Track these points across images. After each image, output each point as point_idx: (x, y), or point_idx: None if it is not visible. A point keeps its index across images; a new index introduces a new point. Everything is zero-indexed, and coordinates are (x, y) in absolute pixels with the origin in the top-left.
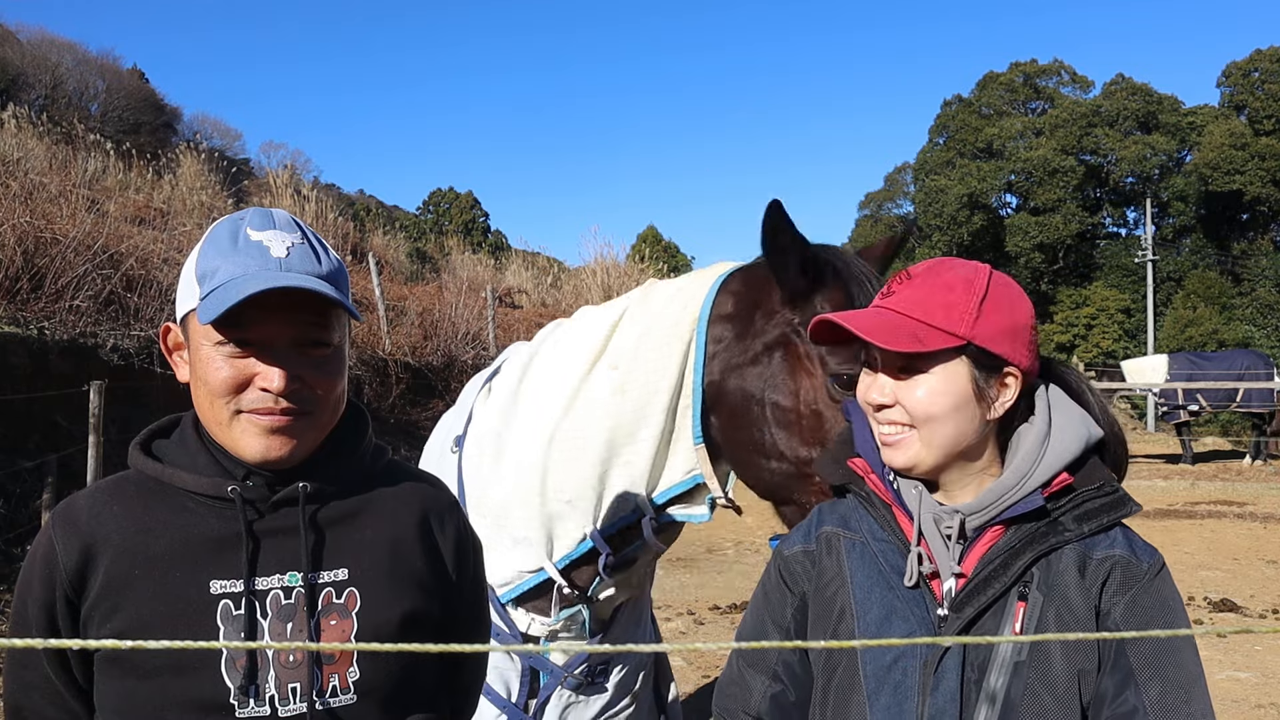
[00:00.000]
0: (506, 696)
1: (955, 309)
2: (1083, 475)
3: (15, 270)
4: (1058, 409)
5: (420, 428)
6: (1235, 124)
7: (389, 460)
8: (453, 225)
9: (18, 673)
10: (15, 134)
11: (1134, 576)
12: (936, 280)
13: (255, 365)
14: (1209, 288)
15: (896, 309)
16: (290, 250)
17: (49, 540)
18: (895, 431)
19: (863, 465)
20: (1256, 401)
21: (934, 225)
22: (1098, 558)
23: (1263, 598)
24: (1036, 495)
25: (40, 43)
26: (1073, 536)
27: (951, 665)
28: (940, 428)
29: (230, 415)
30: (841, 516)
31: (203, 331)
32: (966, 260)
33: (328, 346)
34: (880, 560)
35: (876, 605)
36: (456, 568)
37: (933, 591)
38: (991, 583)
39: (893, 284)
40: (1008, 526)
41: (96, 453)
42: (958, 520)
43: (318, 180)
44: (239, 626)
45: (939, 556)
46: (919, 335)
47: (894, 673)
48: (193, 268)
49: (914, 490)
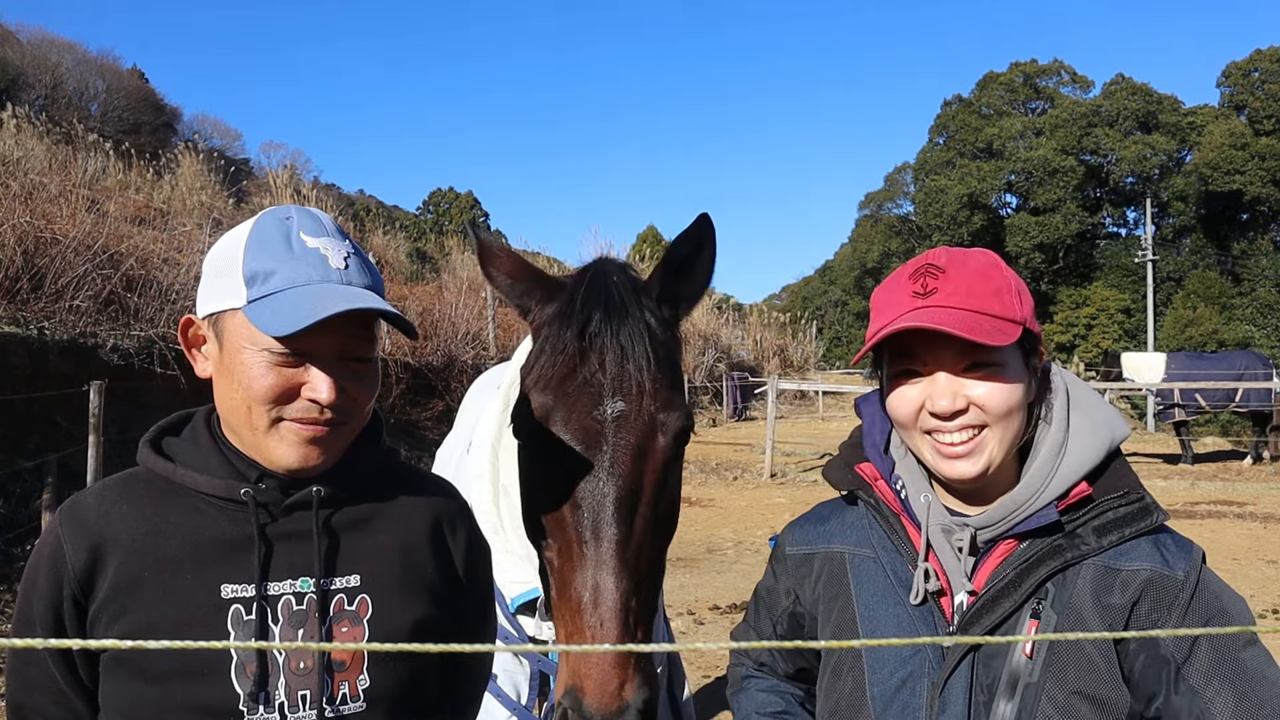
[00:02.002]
0: (516, 699)
1: (1004, 295)
2: (1104, 482)
3: (15, 270)
4: (1077, 407)
5: (420, 428)
6: (1235, 124)
7: (400, 464)
8: (453, 225)
9: (20, 671)
10: (15, 134)
11: (1168, 594)
12: (969, 269)
13: (303, 375)
14: (1209, 288)
15: (953, 305)
16: (348, 261)
17: (56, 538)
18: (967, 437)
19: (871, 471)
20: (1255, 401)
21: (934, 225)
22: (1124, 574)
23: (1263, 598)
24: (1050, 509)
25: (40, 43)
26: (1091, 550)
27: (958, 686)
28: (1014, 422)
29: (269, 422)
30: (849, 526)
31: (247, 334)
32: (957, 247)
33: (368, 360)
34: (889, 573)
35: (884, 623)
36: (466, 573)
37: (942, 608)
38: (1002, 600)
39: (926, 280)
40: (1021, 539)
41: (96, 453)
42: (969, 534)
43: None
44: (250, 632)
45: (950, 570)
46: (996, 326)
47: (902, 694)
48: (237, 265)
49: (923, 499)
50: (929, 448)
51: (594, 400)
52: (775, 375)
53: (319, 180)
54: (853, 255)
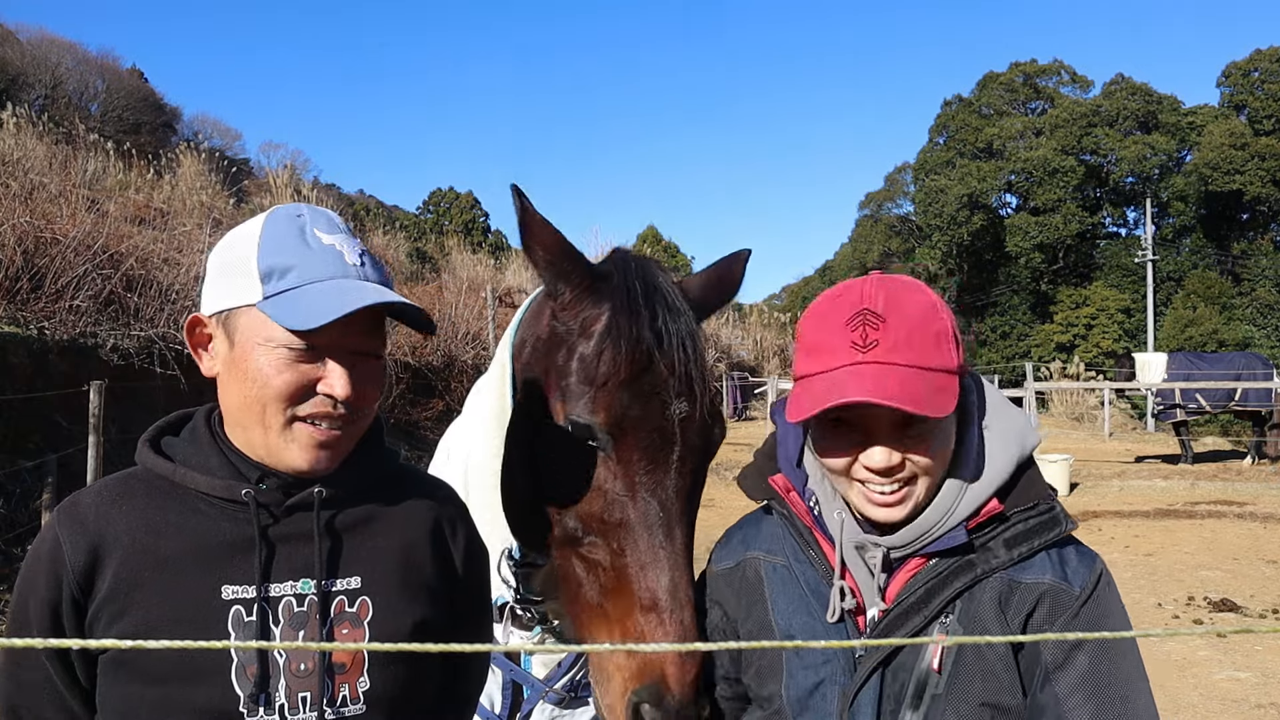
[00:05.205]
0: (490, 708)
1: (943, 342)
2: (1014, 496)
3: (15, 270)
4: (988, 425)
5: (420, 428)
6: (1235, 124)
7: (401, 465)
8: (453, 225)
9: (14, 673)
10: (15, 134)
11: (1062, 605)
12: (909, 315)
13: (318, 370)
14: (1209, 288)
15: (895, 360)
16: (363, 259)
17: (55, 538)
18: (897, 488)
19: (783, 483)
20: (1255, 401)
21: (934, 225)
22: (1025, 586)
23: (1263, 598)
24: (960, 530)
25: (40, 43)
26: (1000, 564)
27: (868, 698)
28: (941, 469)
29: (284, 422)
30: (766, 535)
31: (263, 331)
32: (890, 275)
33: (379, 358)
34: (802, 584)
35: (799, 633)
36: (465, 575)
37: (855, 622)
38: (912, 615)
39: (866, 331)
40: (931, 556)
41: (96, 453)
42: (881, 553)
43: (317, 180)
44: (251, 633)
45: (863, 586)
46: (937, 385)
47: (814, 698)
48: (250, 262)
49: (836, 515)
50: (858, 494)
51: (665, 400)
52: (775, 375)
53: (319, 180)
54: (853, 255)
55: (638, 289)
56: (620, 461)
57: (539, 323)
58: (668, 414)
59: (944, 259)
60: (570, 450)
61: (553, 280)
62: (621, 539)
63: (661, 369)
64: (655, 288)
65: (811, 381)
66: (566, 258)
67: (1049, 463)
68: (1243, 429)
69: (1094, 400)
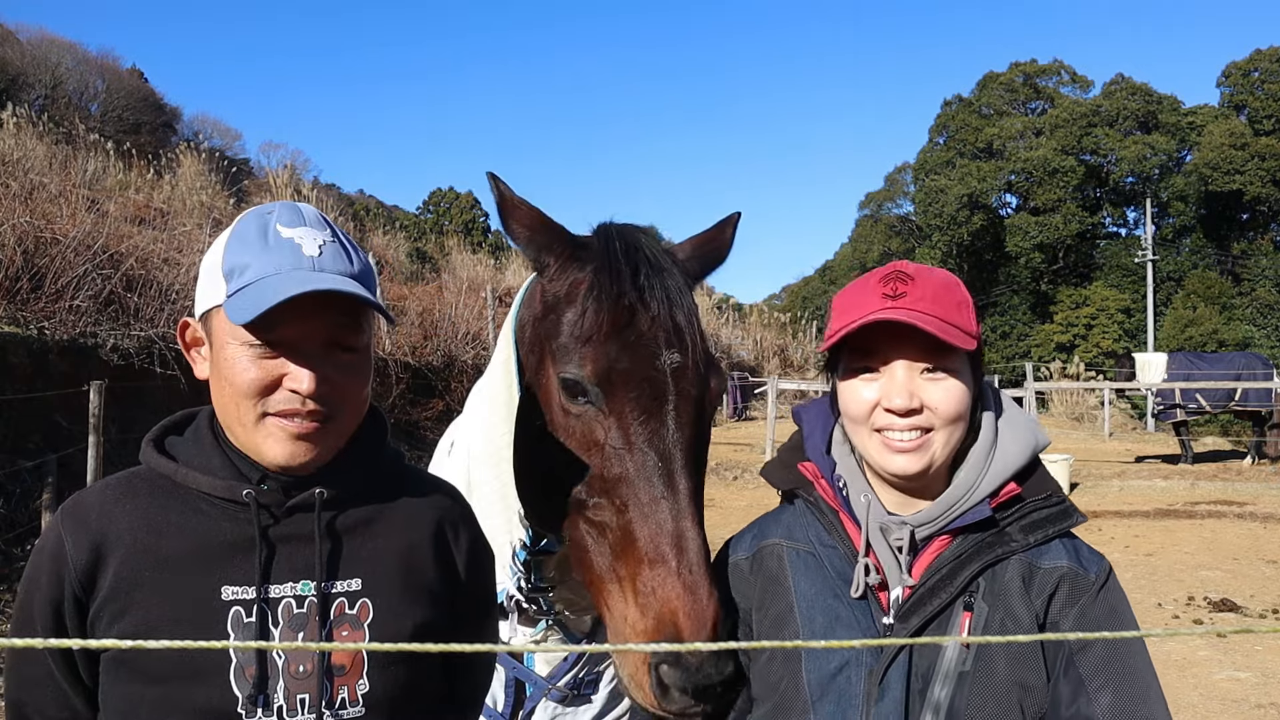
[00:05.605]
0: (493, 706)
1: (964, 309)
2: (1031, 484)
3: (15, 270)
4: (1004, 417)
5: (420, 427)
6: (1235, 124)
7: (404, 466)
8: (453, 225)
9: (20, 669)
10: (15, 134)
11: (1081, 588)
12: (935, 281)
13: (284, 366)
14: (1209, 288)
15: (919, 309)
16: (323, 249)
17: (58, 536)
18: (915, 436)
19: (813, 470)
20: (1255, 401)
21: (934, 225)
22: (1044, 570)
23: (1263, 598)
24: (984, 505)
25: (40, 43)
26: (1019, 547)
27: (896, 675)
28: (958, 429)
29: (256, 418)
30: (786, 525)
31: (229, 330)
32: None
33: (355, 350)
34: (827, 567)
35: (821, 614)
36: (468, 578)
37: (879, 600)
38: (938, 592)
39: (896, 284)
40: (955, 535)
41: (96, 453)
42: (907, 532)
43: (318, 180)
44: (250, 634)
45: (887, 567)
46: (960, 335)
47: (838, 680)
48: (218, 263)
49: (863, 499)
50: (877, 443)
51: (653, 351)
52: (775, 375)
53: (319, 180)
54: (853, 255)
55: (618, 248)
56: (613, 414)
57: (534, 303)
58: (658, 364)
59: (944, 259)
60: (573, 417)
61: (536, 254)
62: (623, 493)
63: (646, 320)
64: (636, 247)
65: (844, 328)
66: (545, 230)
67: (1049, 463)
68: (1243, 429)
69: (1094, 400)
